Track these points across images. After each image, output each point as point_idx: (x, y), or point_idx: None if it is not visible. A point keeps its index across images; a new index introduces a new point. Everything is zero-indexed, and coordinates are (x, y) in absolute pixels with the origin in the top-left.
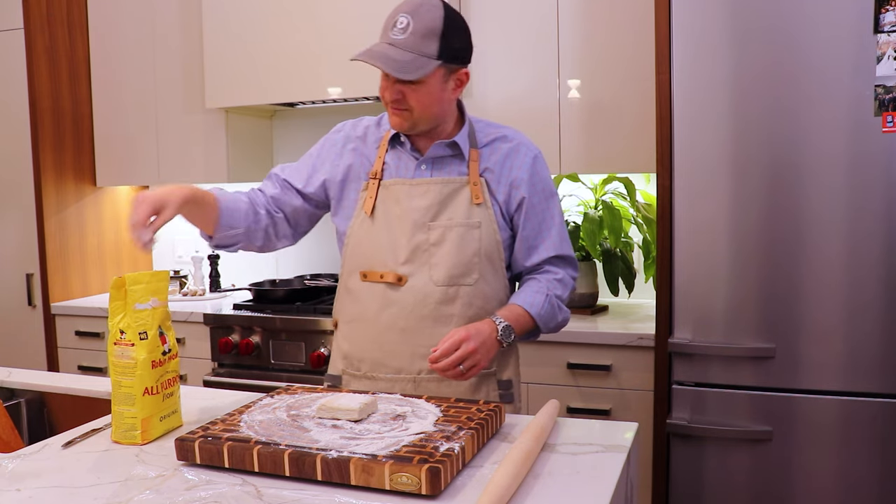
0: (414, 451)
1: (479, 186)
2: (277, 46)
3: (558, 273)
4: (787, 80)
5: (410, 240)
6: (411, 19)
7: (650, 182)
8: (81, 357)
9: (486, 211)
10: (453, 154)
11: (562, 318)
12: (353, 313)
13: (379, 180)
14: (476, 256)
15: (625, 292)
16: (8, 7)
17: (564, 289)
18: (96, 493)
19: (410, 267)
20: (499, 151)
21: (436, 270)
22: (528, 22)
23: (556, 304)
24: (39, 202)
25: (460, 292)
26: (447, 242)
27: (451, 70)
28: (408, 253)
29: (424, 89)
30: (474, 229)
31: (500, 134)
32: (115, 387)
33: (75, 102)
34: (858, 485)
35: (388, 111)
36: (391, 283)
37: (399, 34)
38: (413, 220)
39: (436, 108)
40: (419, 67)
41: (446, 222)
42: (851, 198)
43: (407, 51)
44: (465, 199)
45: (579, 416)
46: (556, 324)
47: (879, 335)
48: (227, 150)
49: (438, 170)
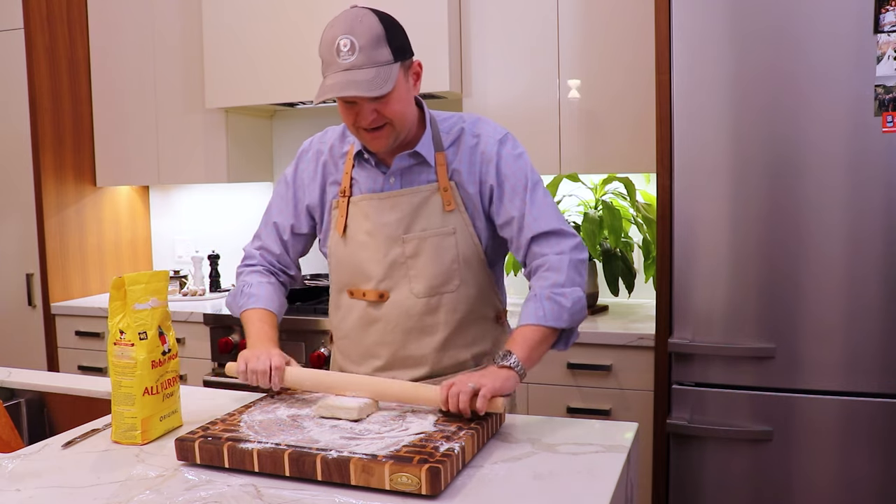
0: (414, 451)
1: (450, 192)
2: (277, 46)
3: (544, 262)
4: (787, 80)
5: (386, 255)
6: (353, 38)
7: (650, 182)
8: (81, 357)
9: (460, 216)
10: (419, 162)
11: (571, 302)
12: (343, 329)
13: (348, 198)
14: (455, 263)
15: (625, 292)
16: (8, 7)
17: (557, 272)
18: (96, 493)
19: (390, 282)
20: (463, 149)
21: (416, 283)
22: (529, 22)
23: (551, 294)
24: (39, 202)
25: (443, 300)
26: (423, 254)
27: (407, 66)
28: (385, 269)
29: (395, 97)
30: (449, 236)
31: (460, 128)
32: (115, 387)
33: (75, 102)
34: (858, 485)
35: (365, 137)
36: (373, 301)
37: (349, 56)
38: (386, 234)
39: (408, 111)
40: (386, 78)
41: (420, 233)
42: (851, 198)
43: (366, 68)
44: (436, 207)
45: (579, 416)
46: (570, 311)
47: (879, 335)
48: (226, 150)
49: (408, 180)
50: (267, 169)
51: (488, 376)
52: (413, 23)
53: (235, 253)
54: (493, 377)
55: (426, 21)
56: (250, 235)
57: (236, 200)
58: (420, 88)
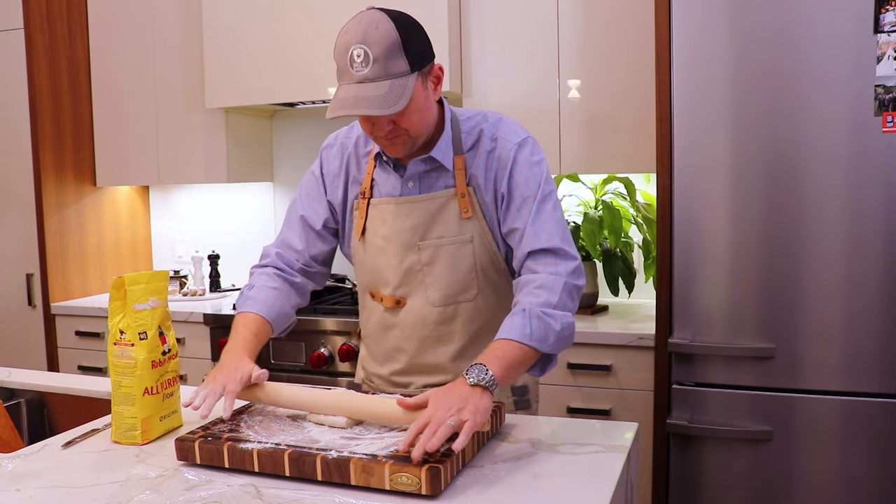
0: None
1: (468, 198)
2: (277, 46)
3: (535, 278)
4: (787, 80)
5: (402, 262)
6: (367, 48)
7: (650, 182)
8: (81, 357)
9: (478, 223)
10: (435, 167)
11: (560, 326)
12: (367, 329)
13: (368, 199)
14: (472, 272)
15: (625, 292)
16: (8, 7)
17: (550, 293)
18: (96, 493)
19: (406, 289)
20: (480, 154)
21: (431, 291)
22: (529, 22)
23: (542, 313)
24: (39, 202)
25: (459, 310)
26: (440, 262)
27: (426, 74)
28: (401, 276)
29: (413, 107)
30: (466, 245)
31: (479, 129)
32: (115, 387)
33: (75, 102)
34: (858, 484)
35: (383, 143)
36: (390, 307)
37: (362, 68)
38: (402, 241)
39: (426, 119)
40: (401, 93)
41: (436, 241)
42: (851, 197)
43: (380, 81)
44: (453, 213)
45: (579, 416)
46: (557, 335)
47: (879, 335)
48: (226, 150)
49: (426, 185)
50: (267, 169)
51: (468, 407)
52: None
53: (236, 253)
54: (473, 407)
55: (426, 21)
56: (250, 235)
57: (236, 200)
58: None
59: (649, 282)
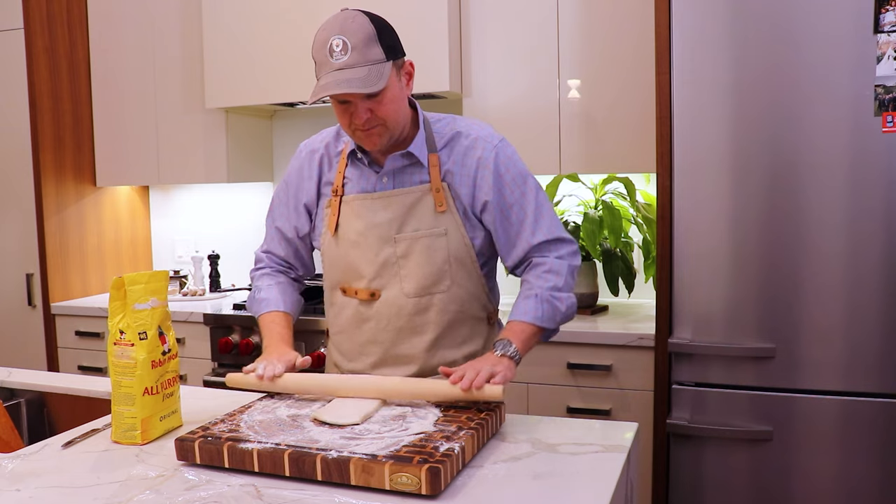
0: (414, 451)
1: (442, 193)
2: (277, 46)
3: (545, 262)
4: (786, 80)
5: (378, 255)
6: (345, 38)
7: (650, 182)
8: (81, 357)
9: (452, 217)
10: (412, 163)
11: (566, 307)
12: (337, 325)
13: (340, 196)
14: (446, 264)
15: (625, 292)
16: (8, 7)
17: (557, 276)
18: (96, 493)
19: (381, 281)
20: (457, 151)
21: (406, 282)
22: (529, 22)
23: (550, 296)
24: (39, 202)
25: (434, 300)
26: (415, 254)
27: (399, 66)
28: (377, 268)
29: (388, 96)
30: (441, 237)
31: (455, 131)
32: (114, 387)
33: (75, 102)
34: (858, 485)
35: (360, 136)
36: (365, 300)
37: (342, 56)
38: (378, 234)
39: (401, 110)
40: (379, 76)
41: (412, 234)
42: (851, 198)
43: (359, 67)
44: (428, 207)
45: (579, 416)
46: (563, 315)
47: (879, 335)
48: (226, 150)
49: (400, 181)
50: (267, 169)
51: (500, 365)
52: (413, 23)
53: (235, 253)
54: (505, 367)
55: (426, 21)
56: (250, 235)
57: (236, 200)
58: (413, 88)
59: (649, 282)
